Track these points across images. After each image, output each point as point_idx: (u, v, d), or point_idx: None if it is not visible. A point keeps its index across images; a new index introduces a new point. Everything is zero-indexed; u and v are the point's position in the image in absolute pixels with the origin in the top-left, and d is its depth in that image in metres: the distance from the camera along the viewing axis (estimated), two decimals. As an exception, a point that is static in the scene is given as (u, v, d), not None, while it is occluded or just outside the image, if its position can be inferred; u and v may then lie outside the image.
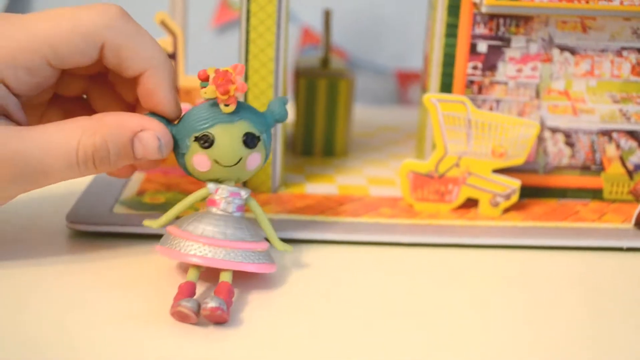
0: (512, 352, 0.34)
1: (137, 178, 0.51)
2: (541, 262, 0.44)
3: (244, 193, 0.39)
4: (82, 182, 0.50)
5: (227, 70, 0.37)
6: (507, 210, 0.49)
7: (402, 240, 0.45)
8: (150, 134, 0.38)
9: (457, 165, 0.48)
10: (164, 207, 0.46)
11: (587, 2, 0.46)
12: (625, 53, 0.49)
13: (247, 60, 0.48)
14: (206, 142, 0.37)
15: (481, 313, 0.38)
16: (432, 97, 0.47)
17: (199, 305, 0.35)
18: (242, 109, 0.38)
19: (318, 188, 0.52)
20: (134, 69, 0.39)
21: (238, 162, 0.38)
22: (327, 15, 0.63)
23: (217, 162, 0.38)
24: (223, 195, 0.39)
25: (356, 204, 0.49)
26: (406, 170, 0.48)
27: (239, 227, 0.38)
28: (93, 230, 0.44)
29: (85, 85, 0.43)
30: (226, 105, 0.37)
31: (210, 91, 0.37)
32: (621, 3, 0.46)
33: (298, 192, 0.51)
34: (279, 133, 0.50)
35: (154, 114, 0.40)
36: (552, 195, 0.52)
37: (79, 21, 0.38)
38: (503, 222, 0.47)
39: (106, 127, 0.38)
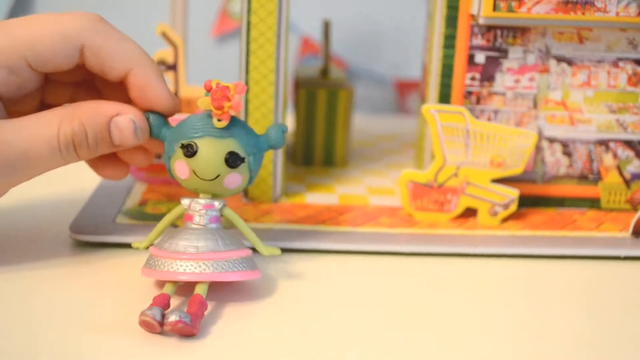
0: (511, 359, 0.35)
1: (139, 188, 0.52)
2: (539, 271, 0.44)
3: (217, 204, 0.39)
4: (85, 192, 0.51)
5: (227, 87, 0.37)
6: (505, 219, 0.49)
7: (402, 249, 0.45)
8: (126, 118, 0.39)
9: (455, 175, 0.48)
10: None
11: (584, 14, 0.46)
12: (621, 63, 0.50)
13: (247, 71, 0.49)
14: (189, 150, 0.38)
15: (480, 322, 0.38)
16: (431, 107, 0.48)
17: (162, 314, 0.35)
18: (237, 127, 0.39)
19: (318, 198, 0.52)
20: (118, 69, 0.40)
21: (215, 178, 0.38)
22: (326, 26, 0.63)
23: (195, 173, 0.38)
24: (196, 209, 0.39)
25: (356, 214, 0.49)
26: (405, 180, 0.49)
27: (212, 239, 0.38)
28: (96, 241, 0.44)
29: (72, 93, 0.44)
30: (219, 120, 0.38)
31: (205, 103, 0.38)
32: (617, 14, 0.46)
33: (299, 201, 0.51)
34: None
35: (151, 112, 0.40)
36: (550, 204, 0.52)
37: (58, 24, 0.39)
38: (502, 231, 0.48)
39: (83, 112, 0.39)
